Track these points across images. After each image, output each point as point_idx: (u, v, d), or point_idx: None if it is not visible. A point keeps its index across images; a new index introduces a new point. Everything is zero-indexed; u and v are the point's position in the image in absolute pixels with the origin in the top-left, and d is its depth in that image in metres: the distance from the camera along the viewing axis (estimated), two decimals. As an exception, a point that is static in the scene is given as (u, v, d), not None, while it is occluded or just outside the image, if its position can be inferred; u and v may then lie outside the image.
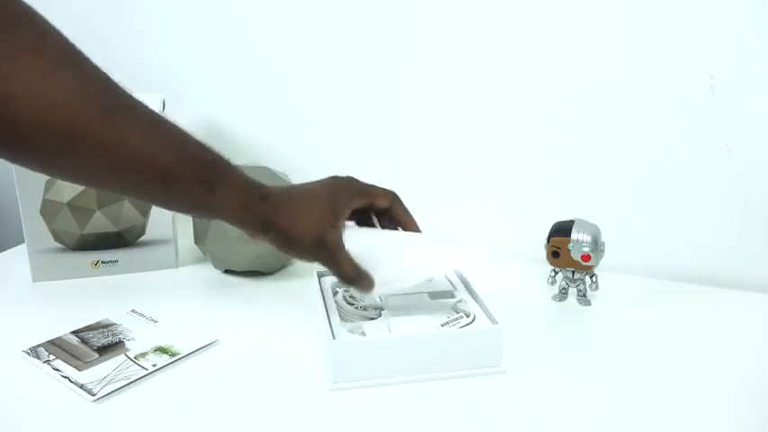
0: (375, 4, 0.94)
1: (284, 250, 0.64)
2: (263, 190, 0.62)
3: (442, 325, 0.67)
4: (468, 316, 0.69)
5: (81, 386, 0.63)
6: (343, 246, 0.64)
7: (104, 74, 0.53)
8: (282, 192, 0.64)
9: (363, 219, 0.69)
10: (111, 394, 0.62)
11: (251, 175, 0.63)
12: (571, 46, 0.86)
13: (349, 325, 0.68)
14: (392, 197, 0.68)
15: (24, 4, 0.48)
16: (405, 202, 0.69)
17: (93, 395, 0.62)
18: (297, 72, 1.01)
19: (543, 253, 0.81)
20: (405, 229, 0.68)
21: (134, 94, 0.55)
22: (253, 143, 1.06)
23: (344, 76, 0.98)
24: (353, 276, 0.64)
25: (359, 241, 0.65)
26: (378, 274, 0.64)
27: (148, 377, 0.65)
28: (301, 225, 0.62)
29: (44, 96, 0.47)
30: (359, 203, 0.66)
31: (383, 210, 0.68)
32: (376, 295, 0.69)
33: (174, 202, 0.60)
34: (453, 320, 0.68)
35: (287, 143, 1.05)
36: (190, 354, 0.69)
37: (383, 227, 0.69)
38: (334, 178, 0.66)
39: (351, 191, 0.66)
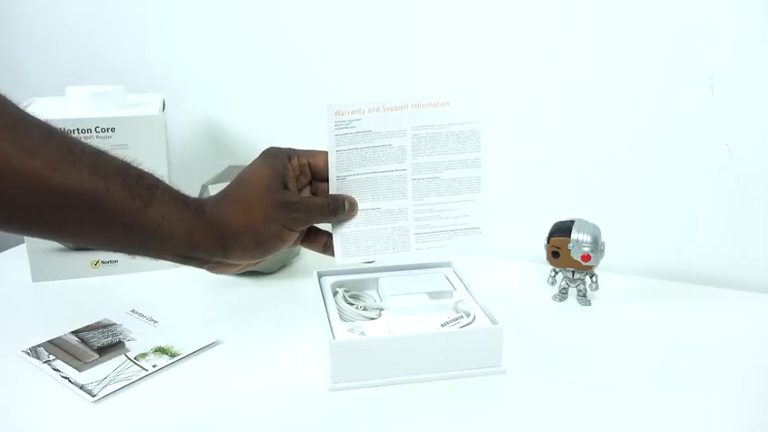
0: (376, 3, 0.94)
1: (259, 252, 0.56)
2: (198, 201, 0.55)
3: (442, 325, 0.67)
4: (468, 316, 0.69)
5: (81, 387, 0.63)
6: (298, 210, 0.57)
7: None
8: (215, 195, 0.57)
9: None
10: (112, 395, 0.62)
11: None
12: (571, 46, 0.86)
13: (349, 325, 0.68)
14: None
15: None
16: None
17: (94, 396, 0.62)
18: (297, 72, 1.01)
19: (543, 253, 0.81)
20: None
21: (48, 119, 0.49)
22: (253, 143, 1.06)
23: (344, 76, 0.98)
24: (329, 210, 0.59)
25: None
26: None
27: (149, 378, 0.65)
28: (250, 216, 0.55)
29: None
30: (297, 160, 0.60)
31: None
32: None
33: (108, 230, 0.51)
34: (453, 320, 0.68)
35: (287, 143, 1.05)
36: (190, 354, 0.69)
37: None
38: (266, 151, 0.60)
39: (285, 151, 0.60)
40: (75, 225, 0.50)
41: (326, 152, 0.61)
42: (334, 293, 0.73)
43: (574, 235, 0.78)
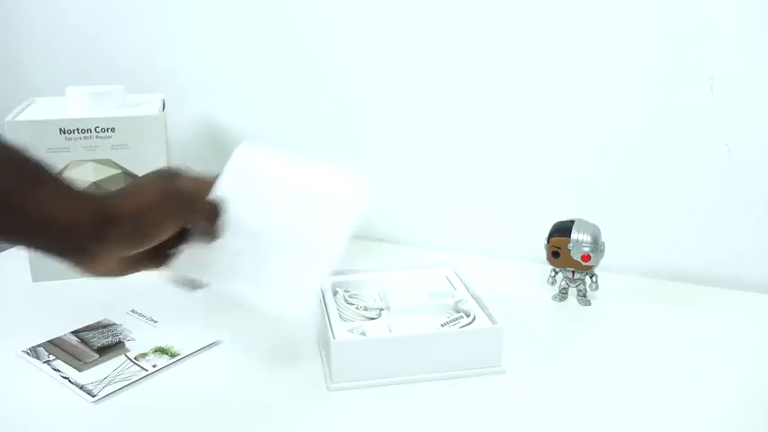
0: (374, 3, 0.94)
1: (135, 241, 0.55)
2: (90, 191, 0.56)
3: (442, 325, 0.67)
4: (468, 316, 0.69)
5: (81, 387, 0.63)
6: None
7: None
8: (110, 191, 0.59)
9: None
10: (112, 395, 0.62)
11: None
12: (571, 45, 0.86)
13: (349, 325, 0.68)
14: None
15: None
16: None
17: (94, 396, 0.62)
18: (297, 72, 1.01)
19: (543, 253, 0.81)
20: None
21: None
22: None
23: (344, 76, 0.98)
24: (215, 209, 0.60)
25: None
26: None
27: (149, 378, 0.65)
28: (143, 198, 0.55)
29: None
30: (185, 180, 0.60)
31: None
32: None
33: None
34: (453, 320, 0.68)
35: (287, 143, 1.05)
36: (190, 354, 0.69)
37: None
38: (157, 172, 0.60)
39: (175, 169, 0.60)
40: None
41: (211, 183, 0.62)
42: (335, 293, 0.73)
43: (574, 235, 0.78)
